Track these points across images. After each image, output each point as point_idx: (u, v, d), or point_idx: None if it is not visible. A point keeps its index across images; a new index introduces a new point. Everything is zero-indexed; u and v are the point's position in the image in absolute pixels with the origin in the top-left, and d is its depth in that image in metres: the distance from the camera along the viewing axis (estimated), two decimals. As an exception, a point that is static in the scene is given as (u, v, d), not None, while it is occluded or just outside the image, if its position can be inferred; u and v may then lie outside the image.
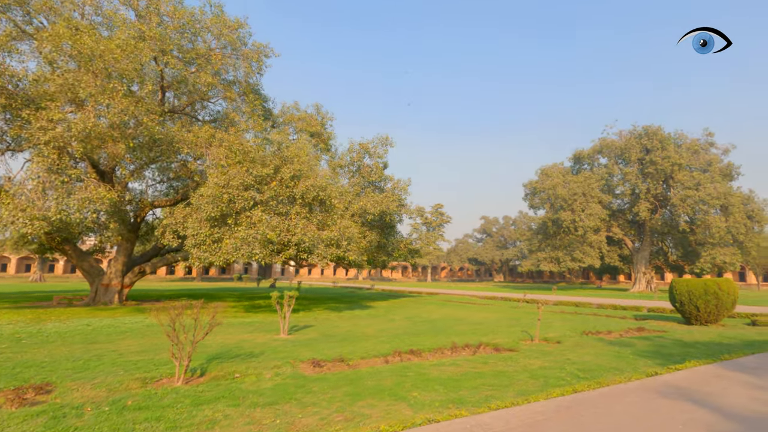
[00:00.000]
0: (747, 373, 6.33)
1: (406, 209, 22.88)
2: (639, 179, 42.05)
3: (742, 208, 38.40)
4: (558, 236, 44.96)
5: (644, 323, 14.66)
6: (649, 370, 6.47)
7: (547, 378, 6.47)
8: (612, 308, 21.13)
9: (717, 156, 41.42)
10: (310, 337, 10.93)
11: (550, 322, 14.69)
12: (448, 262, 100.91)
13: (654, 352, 8.92)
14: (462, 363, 7.67)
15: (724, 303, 13.77)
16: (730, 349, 9.14)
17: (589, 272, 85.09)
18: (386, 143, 22.14)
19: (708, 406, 4.52)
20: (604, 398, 4.83)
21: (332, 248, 14.63)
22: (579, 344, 10.05)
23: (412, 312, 18.69)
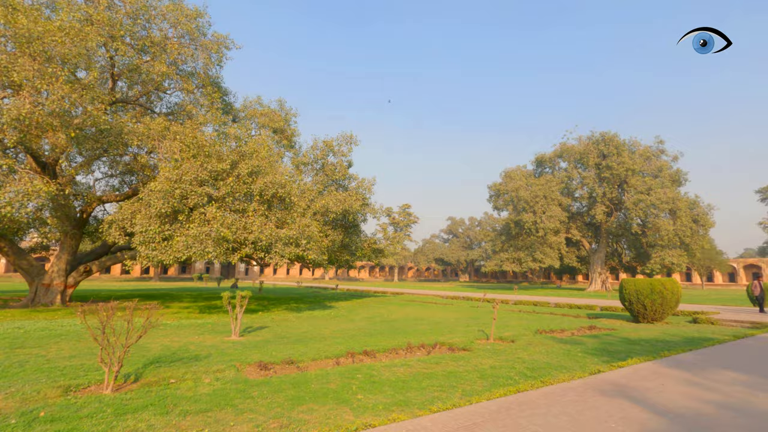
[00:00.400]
0: (683, 369, 6.56)
1: (370, 208, 22.70)
2: (596, 183, 43.79)
3: (689, 213, 40.70)
4: (520, 237, 46.17)
5: (596, 322, 15.14)
6: (593, 368, 6.59)
7: (496, 378, 6.47)
8: (568, 307, 21.78)
9: (667, 162, 43.76)
10: (262, 339, 10.55)
11: (508, 321, 14.93)
12: (415, 262, 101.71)
13: (601, 350, 9.16)
14: (414, 364, 7.57)
15: (668, 302, 14.41)
16: (671, 346, 9.52)
17: (550, 272, 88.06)
18: (351, 141, 21.91)
19: (643, 403, 4.59)
20: (546, 398, 4.83)
21: (291, 247, 14.24)
22: (532, 343, 10.20)
23: (373, 312, 18.55)
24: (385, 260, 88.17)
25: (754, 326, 13.53)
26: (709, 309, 19.33)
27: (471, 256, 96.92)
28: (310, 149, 22.14)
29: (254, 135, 22.17)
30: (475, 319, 15.66)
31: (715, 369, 6.61)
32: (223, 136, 17.12)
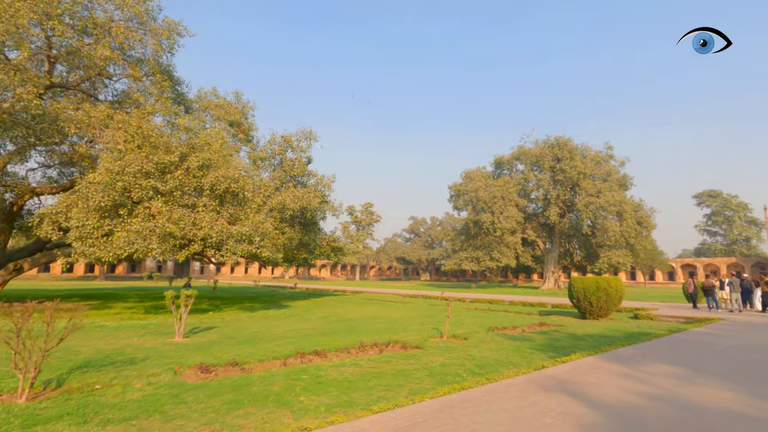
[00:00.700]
0: (621, 363, 6.81)
1: (329, 206, 22.38)
2: (551, 185, 45.54)
3: (634, 215, 43.18)
4: (479, 237, 47.26)
5: (547, 318, 15.64)
6: (539, 364, 6.71)
7: (444, 375, 6.45)
8: (521, 305, 22.44)
9: (615, 167, 46.18)
10: (209, 340, 10.07)
11: (463, 319, 15.13)
12: (377, 261, 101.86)
13: (549, 346, 9.41)
14: (364, 363, 7.44)
15: (612, 299, 15.12)
16: (613, 340, 9.94)
17: (507, 271, 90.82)
18: (310, 137, 21.49)
19: (581, 397, 4.68)
20: (489, 395, 4.83)
21: (244, 244, 13.73)
22: (484, 340, 10.34)
23: (330, 311, 18.29)
24: (347, 259, 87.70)
25: (688, 321, 14.44)
26: (649, 305, 20.49)
27: (432, 255, 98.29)
28: (268, 144, 21.52)
29: (208, 127, 21.28)
30: (431, 317, 15.77)
31: (650, 362, 6.92)
32: (173, 127, 16.26)
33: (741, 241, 80.00)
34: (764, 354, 8.04)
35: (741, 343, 9.29)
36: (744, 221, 79.86)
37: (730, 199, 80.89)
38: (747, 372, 6.38)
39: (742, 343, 9.29)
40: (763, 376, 6.09)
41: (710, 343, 9.25)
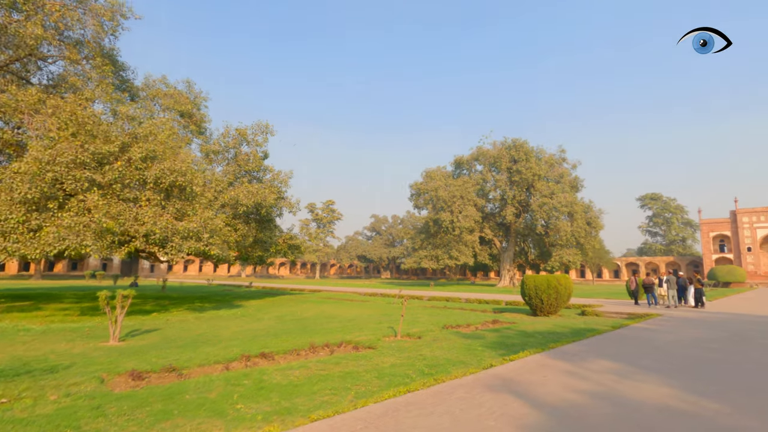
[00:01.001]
0: (566, 360, 6.94)
1: (286, 202, 21.77)
2: (507, 186, 46.85)
3: (584, 216, 45.25)
4: (438, 235, 47.88)
5: (500, 316, 15.95)
6: (487, 363, 6.71)
7: (393, 377, 6.30)
8: (477, 302, 22.83)
9: (567, 170, 48.19)
10: (147, 343, 9.40)
11: (419, 317, 15.13)
12: (338, 259, 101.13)
13: (500, 344, 9.51)
14: (312, 365, 7.16)
15: (562, 296, 15.63)
16: (560, 337, 10.21)
17: (465, 269, 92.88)
18: (266, 131, 20.79)
19: (525, 397, 4.66)
20: (435, 396, 4.71)
21: (191, 241, 13.00)
22: (437, 339, 10.32)
23: (285, 310, 17.77)
24: (307, 257, 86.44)
25: (630, 317, 15.18)
26: (596, 302, 21.45)
27: (393, 254, 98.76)
28: (221, 137, 20.61)
29: (157, 117, 20.09)
30: (388, 316, 15.65)
31: (593, 359, 7.10)
32: (115, 116, 15.16)
33: (678, 241, 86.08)
34: (697, 348, 8.50)
35: (677, 338, 9.80)
36: (681, 223, 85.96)
37: (669, 202, 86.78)
38: (682, 367, 6.67)
39: (678, 338, 9.80)
40: (697, 371, 6.38)
41: (649, 339, 9.69)
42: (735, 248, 64.30)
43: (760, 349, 8.35)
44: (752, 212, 63.28)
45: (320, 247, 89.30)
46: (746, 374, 6.14)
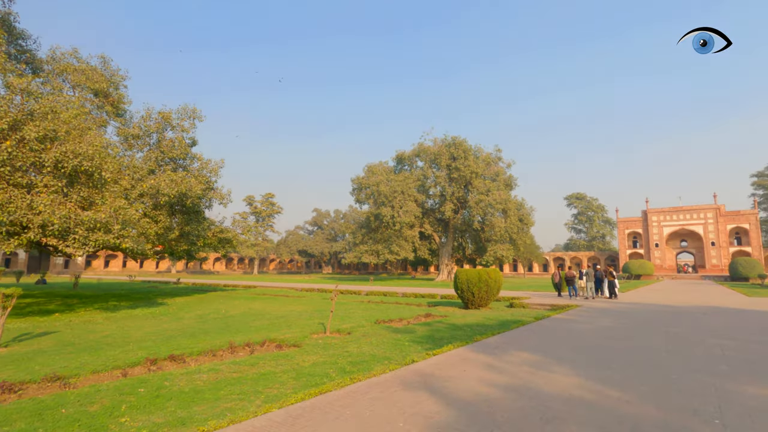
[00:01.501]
0: (488, 353, 6.99)
1: (216, 193, 20.45)
2: (447, 183, 47.99)
3: (517, 213, 47.57)
4: (379, 230, 48.01)
5: (434, 309, 16.13)
6: (410, 358, 6.57)
7: (311, 377, 5.94)
8: (413, 296, 23.04)
9: (503, 168, 50.35)
10: (35, 349, 8.24)
11: (353, 312, 14.88)
12: (278, 254, 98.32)
13: (429, 337, 9.49)
14: (225, 367, 6.61)
15: (492, 289, 16.12)
16: (487, 329, 10.43)
17: (406, 264, 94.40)
18: (194, 116, 19.35)
19: (441, 393, 4.52)
20: (348, 397, 4.43)
21: (98, 233, 11.67)
22: (367, 334, 10.11)
23: (211, 308, 16.70)
24: (245, 251, 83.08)
25: (552, 308, 16.01)
26: (524, 295, 22.49)
27: (335, 248, 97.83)
28: (142, 120, 18.85)
29: (66, 94, 17.93)
30: (322, 312, 15.25)
31: (513, 351, 7.22)
32: (8, 89, 13.23)
33: (599, 237, 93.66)
34: (608, 338, 9.02)
35: (591, 328, 10.38)
36: (601, 221, 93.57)
37: (592, 201, 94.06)
38: (593, 356, 6.98)
39: (592, 328, 10.38)
40: (606, 360, 6.68)
41: (567, 329, 10.16)
42: (645, 244, 71.14)
43: (663, 337, 9.03)
44: (660, 212, 70.31)
45: (259, 241, 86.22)
46: (649, 362, 6.53)
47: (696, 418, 3.89)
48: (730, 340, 8.64)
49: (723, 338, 8.79)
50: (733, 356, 6.93)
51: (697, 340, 8.58)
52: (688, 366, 6.19)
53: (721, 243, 65.20)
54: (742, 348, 7.72)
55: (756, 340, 8.70)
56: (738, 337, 8.92)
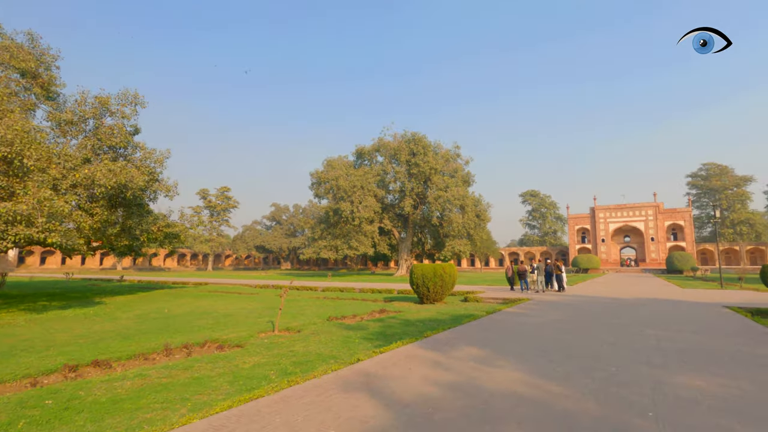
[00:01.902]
0: (436, 349, 6.88)
1: (162, 185, 19.23)
2: (406, 178, 48.14)
3: (474, 209, 48.54)
4: (338, 225, 47.48)
5: (390, 305, 16.00)
6: (356, 357, 6.33)
7: (249, 380, 5.56)
8: (371, 292, 22.88)
9: (461, 165, 51.17)
10: (-67, 357, 7.27)
11: (306, 309, 14.46)
12: (234, 250, 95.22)
13: (380, 334, 9.30)
14: (154, 372, 6.08)
15: (447, 284, 16.21)
16: (439, 324, 10.39)
17: (367, 259, 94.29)
18: (135, 101, 18.05)
19: (380, 395, 4.31)
20: (280, 403, 4.12)
21: (19, 227, 10.56)
22: (317, 332, 9.78)
23: (153, 307, 15.71)
24: (198, 247, 79.80)
25: (505, 302, 16.34)
26: (479, 289, 22.90)
27: (294, 244, 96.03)
28: (77, 105, 17.36)
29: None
30: (273, 309, 14.71)
31: (462, 346, 7.15)
32: None
33: (551, 233, 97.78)
34: (554, 330, 9.21)
35: (539, 321, 10.59)
36: (553, 217, 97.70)
37: (545, 198, 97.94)
38: (538, 349, 7.04)
39: (540, 321, 10.60)
40: (550, 353, 6.75)
41: (516, 323, 10.31)
42: (593, 239, 75.00)
43: (606, 329, 9.34)
44: (606, 209, 74.31)
45: (213, 236, 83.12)
46: (591, 354, 6.65)
47: (632, 411, 3.91)
48: (665, 330, 9.06)
49: (659, 329, 9.21)
50: (667, 347, 7.22)
51: (636, 331, 8.93)
52: (627, 357, 6.35)
53: (659, 238, 69.89)
54: (675, 338, 8.09)
55: (687, 329, 9.18)
56: (671, 327, 9.38)
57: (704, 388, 4.69)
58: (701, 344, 7.43)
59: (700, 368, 5.66)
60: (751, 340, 7.88)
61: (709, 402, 4.19)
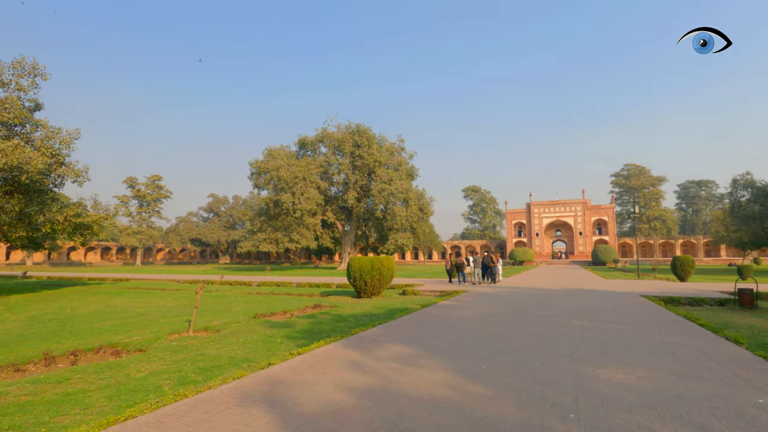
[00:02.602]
0: (360, 348, 6.40)
1: (69, 169, 17.05)
2: (350, 170, 47.41)
3: (417, 202, 48.94)
4: (279, 218, 45.79)
5: (325, 300, 15.37)
6: (269, 361, 5.66)
7: (134, 393, 4.71)
8: (309, 286, 22.06)
9: (405, 159, 51.30)
10: None
11: (233, 306, 13.45)
12: (167, 243, 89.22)
13: (307, 332, 8.66)
14: (16, 388, 5.03)
15: (384, 277, 15.84)
16: (372, 319, 9.95)
17: (311, 253, 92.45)
18: (35, 72, 15.76)
19: (282, 407, 3.72)
20: (154, 425, 3.40)
21: None
22: (238, 331, 8.95)
23: (55, 306, 13.86)
24: (125, 240, 73.80)
25: (441, 295, 16.32)
26: (418, 282, 22.88)
27: (233, 237, 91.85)
28: (-44, 72, 14.82)
29: None
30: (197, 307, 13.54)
31: (388, 343, 6.73)
32: None
33: (491, 227, 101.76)
34: (484, 323, 9.09)
35: (471, 314, 10.48)
36: (493, 212, 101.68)
37: (485, 193, 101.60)
38: (466, 344, 6.78)
39: (472, 314, 10.49)
40: (477, 348, 6.50)
41: (448, 316, 10.12)
42: (528, 233, 78.98)
43: (534, 320, 9.38)
44: (541, 204, 78.48)
45: (143, 228, 77.26)
46: (518, 349, 6.49)
47: (554, 414, 3.63)
48: (589, 320, 9.27)
49: (583, 319, 9.41)
50: (591, 337, 7.28)
51: (562, 322, 9.04)
52: (552, 351, 6.25)
53: (586, 232, 75.07)
54: (598, 328, 8.25)
55: (609, 319, 9.47)
56: (595, 318, 9.63)
57: (625, 383, 4.59)
58: (622, 334, 7.58)
59: (621, 360, 5.65)
60: (665, 328, 8.21)
61: (630, 399, 4.05)
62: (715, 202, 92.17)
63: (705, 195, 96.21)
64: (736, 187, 43.07)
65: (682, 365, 5.29)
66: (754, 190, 40.53)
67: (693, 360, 5.57)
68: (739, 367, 5.17)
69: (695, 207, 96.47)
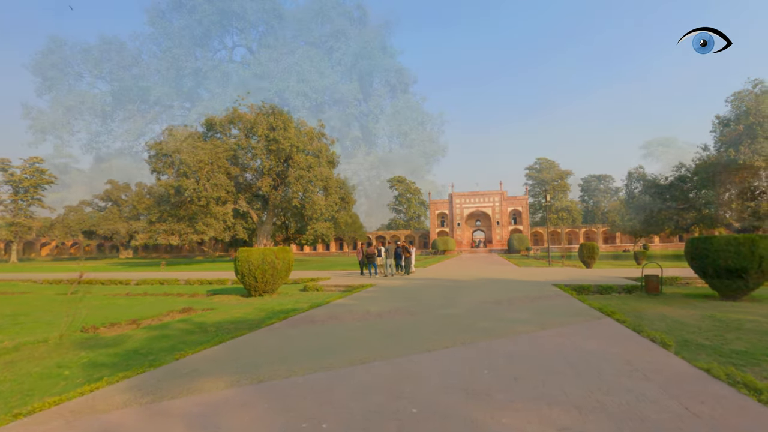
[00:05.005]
0: (151, 393, 4.17)
1: None
2: (265, 155, 43.67)
3: (338, 191, 46.72)
4: (183, 206, 40.85)
5: (206, 300, 12.82)
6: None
7: None
8: (199, 283, 19.01)
9: (326, 145, 48.64)
10: None
11: (69, 313, 10.27)
12: (52, 236, 77.43)
13: (129, 355, 6.20)
14: None
15: (280, 272, 13.52)
16: (237, 327, 7.72)
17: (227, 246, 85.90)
18: None
19: None
20: None
21: None
22: (24, 358, 6.20)
23: None
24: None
25: (347, 289, 14.43)
26: (326, 275, 20.77)
27: (135, 228, 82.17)
28: None
29: None
30: (14, 316, 10.23)
31: (207, 378, 4.59)
32: None
33: (415, 218, 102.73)
34: (370, 330, 7.37)
35: (359, 318, 8.67)
36: (417, 203, 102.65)
37: (410, 184, 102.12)
38: (324, 372, 4.84)
39: (360, 317, 8.68)
40: (338, 375, 4.63)
41: (334, 321, 8.21)
42: (450, 223, 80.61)
43: (434, 325, 7.83)
44: (462, 195, 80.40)
45: (20, 219, 65.97)
46: (396, 379, 4.70)
47: None
48: (499, 320, 7.89)
49: (492, 319, 8.02)
50: (498, 350, 5.75)
51: (467, 325, 7.52)
52: (443, 380, 4.52)
53: (503, 222, 78.40)
54: (507, 333, 6.83)
55: (521, 319, 8.18)
56: (506, 317, 8.28)
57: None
58: (534, 342, 6.15)
59: (535, 391, 4.04)
60: (583, 329, 7.00)
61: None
62: (611, 194, 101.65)
63: (603, 188, 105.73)
64: (630, 179, 46.67)
65: (615, 397, 3.79)
66: (645, 182, 44.20)
67: (627, 384, 4.12)
68: (686, 395, 3.79)
69: (595, 199, 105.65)
